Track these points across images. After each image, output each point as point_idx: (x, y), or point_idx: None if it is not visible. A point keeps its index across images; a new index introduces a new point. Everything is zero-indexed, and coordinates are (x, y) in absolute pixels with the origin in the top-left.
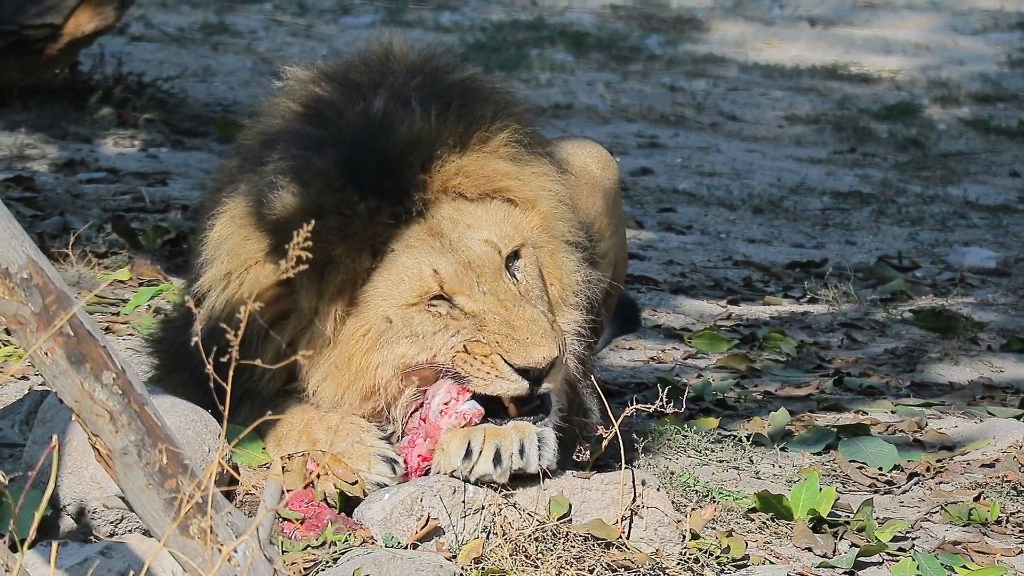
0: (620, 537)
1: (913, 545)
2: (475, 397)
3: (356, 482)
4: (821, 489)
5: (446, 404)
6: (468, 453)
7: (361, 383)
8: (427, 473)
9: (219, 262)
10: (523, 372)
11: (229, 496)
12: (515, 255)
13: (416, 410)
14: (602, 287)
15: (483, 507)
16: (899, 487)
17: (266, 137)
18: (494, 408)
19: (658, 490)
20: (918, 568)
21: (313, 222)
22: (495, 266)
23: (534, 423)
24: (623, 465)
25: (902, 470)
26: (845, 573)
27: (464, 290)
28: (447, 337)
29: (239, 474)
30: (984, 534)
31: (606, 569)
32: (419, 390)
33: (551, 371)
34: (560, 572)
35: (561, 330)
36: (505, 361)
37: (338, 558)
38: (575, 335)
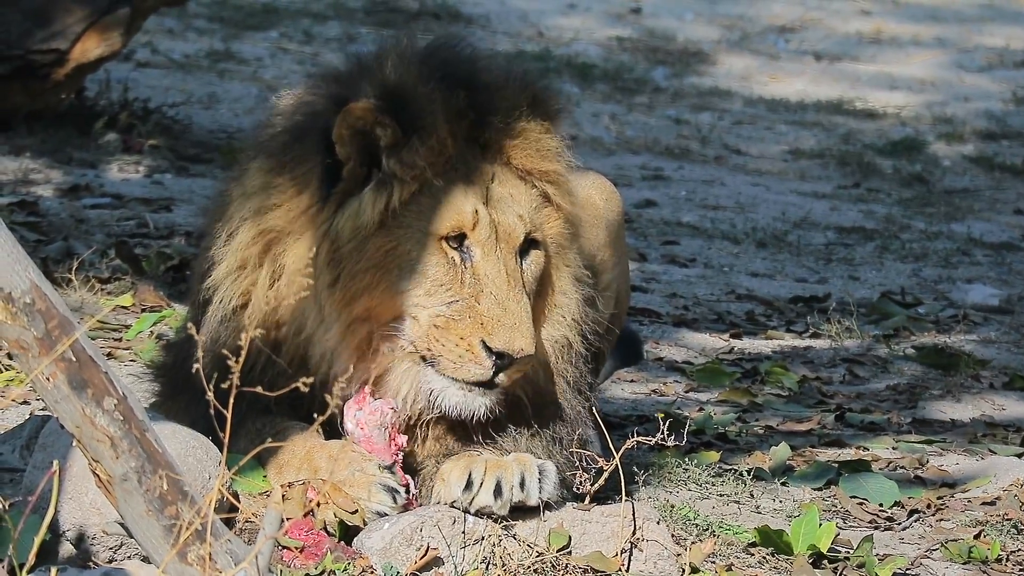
0: (619, 570)
1: None
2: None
3: (356, 511)
4: (821, 524)
5: (356, 417)
6: (469, 484)
7: (361, 303)
8: None
9: (242, 232)
10: (498, 355)
11: (229, 524)
12: (533, 244)
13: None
14: (603, 319)
15: (483, 538)
16: (899, 524)
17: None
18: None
19: (658, 523)
20: None
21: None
22: (516, 242)
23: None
24: (623, 497)
25: (903, 507)
26: None
27: (485, 245)
28: (445, 297)
29: (239, 502)
30: (984, 572)
31: None
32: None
33: (516, 365)
34: None
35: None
36: (484, 344)
37: None
38: (549, 349)
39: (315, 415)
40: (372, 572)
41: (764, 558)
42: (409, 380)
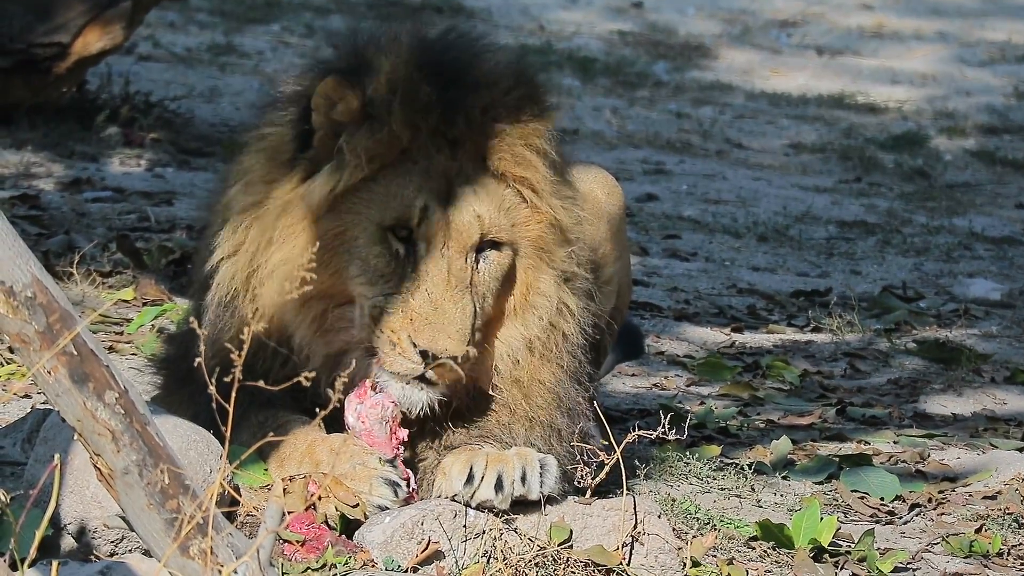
0: (620, 563)
1: None
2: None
3: (357, 504)
4: (822, 518)
5: (357, 411)
6: (470, 478)
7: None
8: None
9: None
10: (423, 354)
11: (230, 517)
12: (493, 245)
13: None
14: (604, 313)
15: (484, 531)
16: (901, 518)
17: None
18: None
19: (659, 517)
20: None
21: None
22: (468, 243)
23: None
24: (624, 491)
25: (904, 501)
26: None
27: (431, 241)
28: (384, 288)
29: (240, 495)
30: (985, 566)
31: None
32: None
33: (447, 364)
34: None
35: (478, 339)
36: (411, 340)
37: None
38: (518, 346)
39: (317, 409)
40: (373, 565)
41: (765, 552)
42: (357, 368)
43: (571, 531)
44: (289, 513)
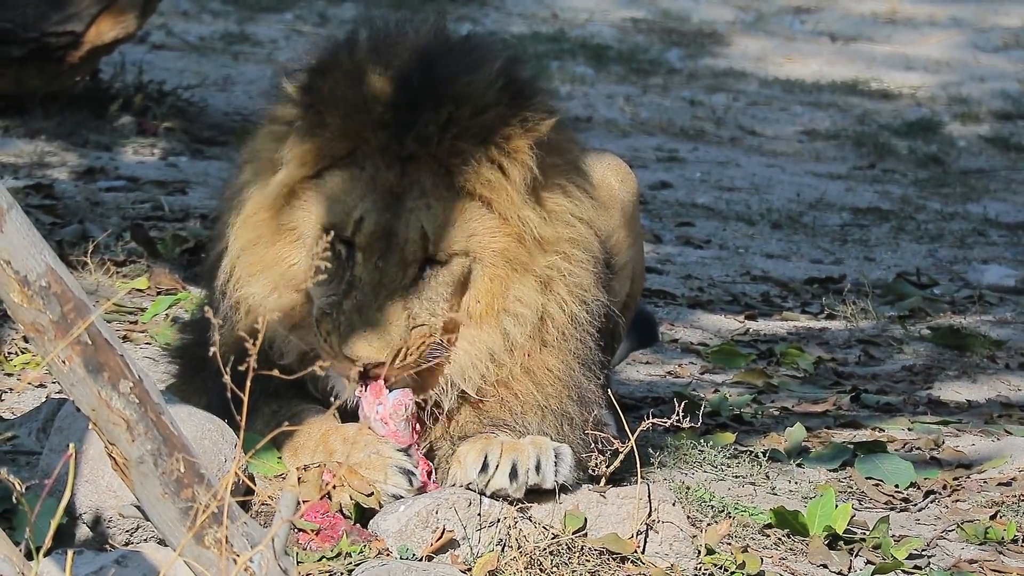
0: (635, 551)
1: (929, 563)
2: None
3: (372, 493)
4: (837, 506)
5: (378, 412)
6: (484, 466)
7: (277, 271)
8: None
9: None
10: (348, 359)
11: (245, 506)
12: (442, 258)
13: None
14: (618, 301)
15: (498, 520)
16: (915, 505)
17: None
18: None
19: (674, 505)
20: None
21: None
22: (410, 257)
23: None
24: (639, 479)
25: (918, 488)
26: None
27: (367, 251)
28: (325, 290)
29: (255, 484)
30: (1000, 552)
31: None
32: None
33: (382, 368)
34: None
35: (415, 342)
36: (339, 344)
37: (353, 569)
38: (496, 349)
39: (332, 399)
40: (388, 554)
41: (780, 539)
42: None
43: (585, 519)
44: (304, 502)
